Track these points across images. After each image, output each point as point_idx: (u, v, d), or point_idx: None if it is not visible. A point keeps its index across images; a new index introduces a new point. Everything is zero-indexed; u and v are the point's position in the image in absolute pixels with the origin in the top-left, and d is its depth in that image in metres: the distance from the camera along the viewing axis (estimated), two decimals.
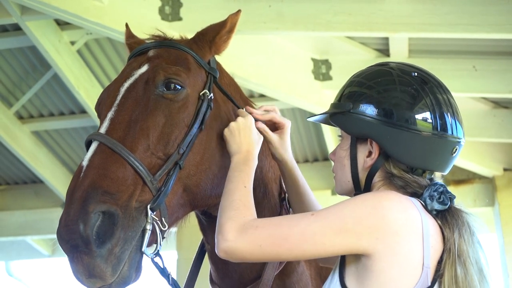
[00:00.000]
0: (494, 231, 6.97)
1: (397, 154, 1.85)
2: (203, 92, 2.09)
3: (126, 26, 2.40)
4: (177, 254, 6.92)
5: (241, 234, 1.77)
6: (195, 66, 2.13)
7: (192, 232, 2.39)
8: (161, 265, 1.94)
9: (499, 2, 4.53)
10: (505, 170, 6.88)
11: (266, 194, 2.24)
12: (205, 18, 2.64)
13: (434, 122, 1.86)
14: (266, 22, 4.75)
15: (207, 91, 2.10)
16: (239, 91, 2.34)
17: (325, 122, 2.08)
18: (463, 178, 7.10)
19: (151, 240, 1.85)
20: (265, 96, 5.79)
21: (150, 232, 1.82)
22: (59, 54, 5.50)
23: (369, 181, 1.90)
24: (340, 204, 1.78)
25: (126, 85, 2.04)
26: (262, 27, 4.78)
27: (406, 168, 1.87)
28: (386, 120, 1.86)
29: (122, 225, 1.77)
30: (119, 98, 2.01)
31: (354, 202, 1.77)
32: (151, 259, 1.89)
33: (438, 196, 1.82)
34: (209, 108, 2.08)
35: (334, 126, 2.06)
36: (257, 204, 2.17)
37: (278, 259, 1.89)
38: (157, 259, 1.91)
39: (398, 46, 5.31)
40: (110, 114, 1.97)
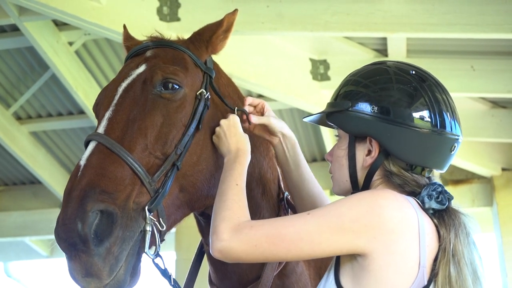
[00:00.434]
0: (492, 231, 6.98)
1: (397, 152, 1.85)
2: (200, 91, 2.09)
3: (124, 27, 2.40)
4: (176, 254, 6.92)
5: (236, 234, 1.75)
6: (192, 65, 2.13)
7: (191, 232, 2.39)
8: (162, 266, 1.93)
9: (497, 2, 4.53)
10: (503, 170, 6.89)
11: (265, 195, 2.23)
12: (203, 18, 2.63)
13: (433, 120, 1.86)
14: (265, 23, 4.75)
15: (204, 91, 2.09)
16: (237, 92, 2.33)
17: (320, 122, 2.07)
18: (462, 178, 7.11)
19: (150, 241, 1.84)
20: (263, 96, 5.78)
21: (150, 233, 1.82)
22: (57, 54, 5.50)
23: (368, 180, 1.89)
24: (336, 203, 1.78)
25: (124, 85, 2.04)
26: (260, 28, 4.78)
27: (406, 166, 1.86)
28: (385, 117, 1.86)
29: (120, 224, 1.76)
30: (117, 98, 2.01)
31: (350, 201, 1.76)
32: (152, 260, 1.88)
33: (436, 195, 1.82)
34: (206, 107, 2.08)
35: (330, 127, 2.05)
36: (255, 204, 2.18)
37: (274, 259, 1.87)
38: (158, 260, 1.90)
39: (396, 46, 5.32)
40: (108, 114, 1.97)
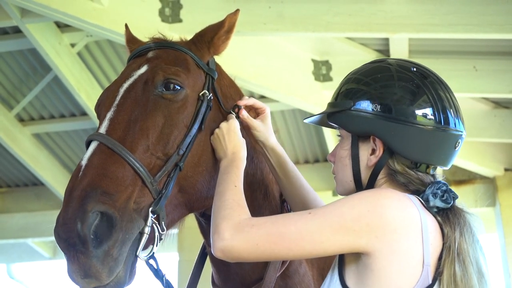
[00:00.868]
0: (495, 231, 6.97)
1: (402, 150, 1.83)
2: (203, 92, 2.09)
3: (126, 27, 2.40)
4: (178, 255, 6.90)
5: (237, 232, 1.74)
6: (194, 67, 2.13)
7: (193, 234, 2.38)
8: (155, 266, 1.92)
9: (499, 2, 4.52)
10: (506, 170, 6.88)
11: (267, 196, 2.23)
12: (205, 19, 2.62)
13: (437, 117, 1.85)
14: (266, 23, 4.75)
15: (207, 92, 2.09)
16: (239, 93, 2.33)
17: (322, 123, 2.06)
18: (464, 178, 7.10)
19: (147, 242, 1.84)
20: (265, 97, 5.78)
21: (147, 235, 1.81)
22: (60, 56, 5.51)
23: (373, 179, 1.88)
24: (338, 202, 1.76)
25: (126, 85, 2.04)
26: (262, 28, 4.78)
27: (410, 164, 1.85)
28: (388, 115, 1.84)
29: (120, 227, 1.75)
30: (119, 98, 2.01)
31: (352, 200, 1.75)
32: (146, 261, 1.87)
33: (441, 194, 1.81)
34: (208, 108, 2.08)
35: (331, 127, 2.04)
36: (258, 206, 2.18)
37: (276, 258, 1.86)
38: (151, 261, 1.89)
39: (398, 47, 5.31)
40: (109, 115, 1.97)
